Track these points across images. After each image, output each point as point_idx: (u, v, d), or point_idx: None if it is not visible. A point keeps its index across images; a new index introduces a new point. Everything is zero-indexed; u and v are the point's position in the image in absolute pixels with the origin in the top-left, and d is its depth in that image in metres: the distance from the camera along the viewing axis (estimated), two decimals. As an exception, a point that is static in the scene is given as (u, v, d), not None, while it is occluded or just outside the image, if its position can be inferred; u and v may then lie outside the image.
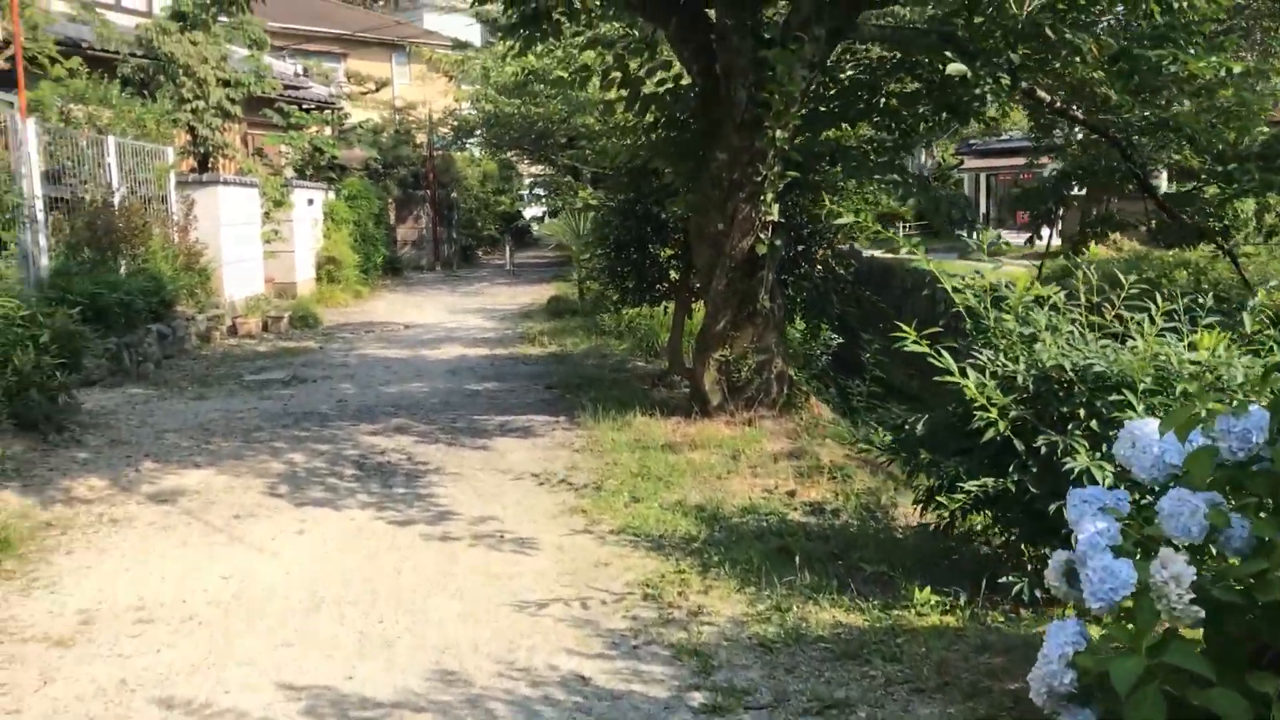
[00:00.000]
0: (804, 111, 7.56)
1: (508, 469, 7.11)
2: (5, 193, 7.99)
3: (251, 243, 16.05)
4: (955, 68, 7.00)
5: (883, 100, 8.57)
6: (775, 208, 7.60)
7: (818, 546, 5.46)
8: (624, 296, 10.41)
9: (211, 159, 15.97)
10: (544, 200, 22.88)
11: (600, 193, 11.97)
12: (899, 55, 8.60)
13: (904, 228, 22.04)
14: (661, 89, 8.20)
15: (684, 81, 8.31)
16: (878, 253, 17.94)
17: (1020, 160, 31.48)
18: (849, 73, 8.66)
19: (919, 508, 5.23)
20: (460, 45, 21.42)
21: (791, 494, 6.45)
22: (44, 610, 4.59)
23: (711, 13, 8.00)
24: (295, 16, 32.69)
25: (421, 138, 27.92)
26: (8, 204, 8.12)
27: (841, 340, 11.18)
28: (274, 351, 13.15)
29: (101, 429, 8.01)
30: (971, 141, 32.75)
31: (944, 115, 8.73)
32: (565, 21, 8.05)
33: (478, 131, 27.55)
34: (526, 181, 39.72)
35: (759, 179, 7.54)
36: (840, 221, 4.98)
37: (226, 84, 15.79)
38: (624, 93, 8.22)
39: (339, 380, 10.83)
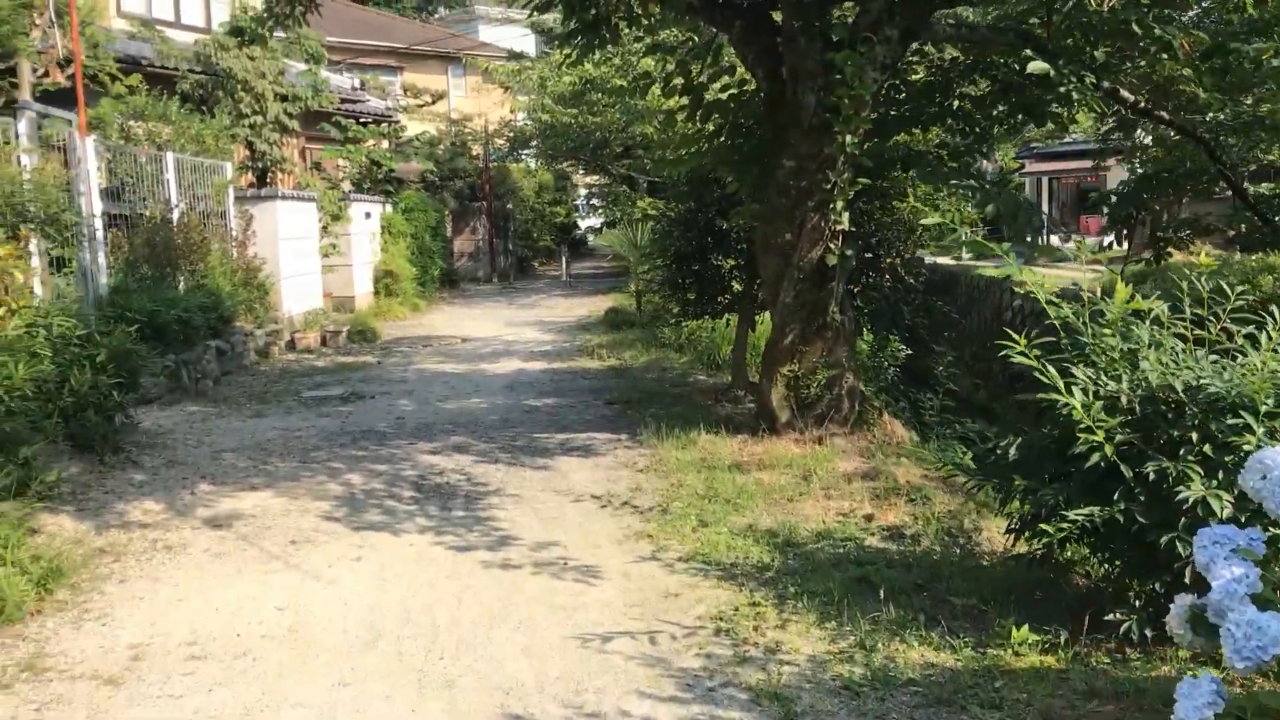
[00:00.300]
0: (874, 115, 7.24)
1: (569, 490, 6.87)
2: (62, 211, 7.93)
3: (309, 257, 16.05)
4: (1037, 66, 6.65)
5: (955, 102, 8.23)
6: (846, 216, 7.30)
7: (900, 576, 5.14)
8: (685, 309, 10.14)
9: (270, 174, 16.01)
10: (600, 211, 22.72)
11: (659, 202, 11.73)
12: (972, 56, 8.26)
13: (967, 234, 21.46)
14: (725, 95, 7.94)
15: (748, 87, 8.04)
16: (940, 260, 17.51)
17: (1083, 164, 30.79)
18: (919, 75, 8.32)
19: (1011, 537, 4.90)
20: (516, 56, 21.33)
21: (868, 518, 6.13)
22: (95, 645, 4.43)
23: (777, 15, 7.74)
24: (353, 31, 33.00)
25: (477, 149, 27.93)
26: (66, 222, 8.06)
27: (909, 352, 10.82)
28: (332, 367, 13.07)
29: (158, 449, 7.91)
30: (1033, 145, 32.06)
31: (1019, 117, 8.38)
32: (625, 28, 7.84)
33: (533, 142, 27.53)
34: (582, 192, 39.76)
35: (828, 186, 7.24)
36: (927, 222, 4.70)
37: (284, 98, 15.82)
38: (686, 100, 7.97)
39: (397, 396, 10.69)
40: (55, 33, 13.84)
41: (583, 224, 40.76)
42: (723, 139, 7.98)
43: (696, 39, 8.12)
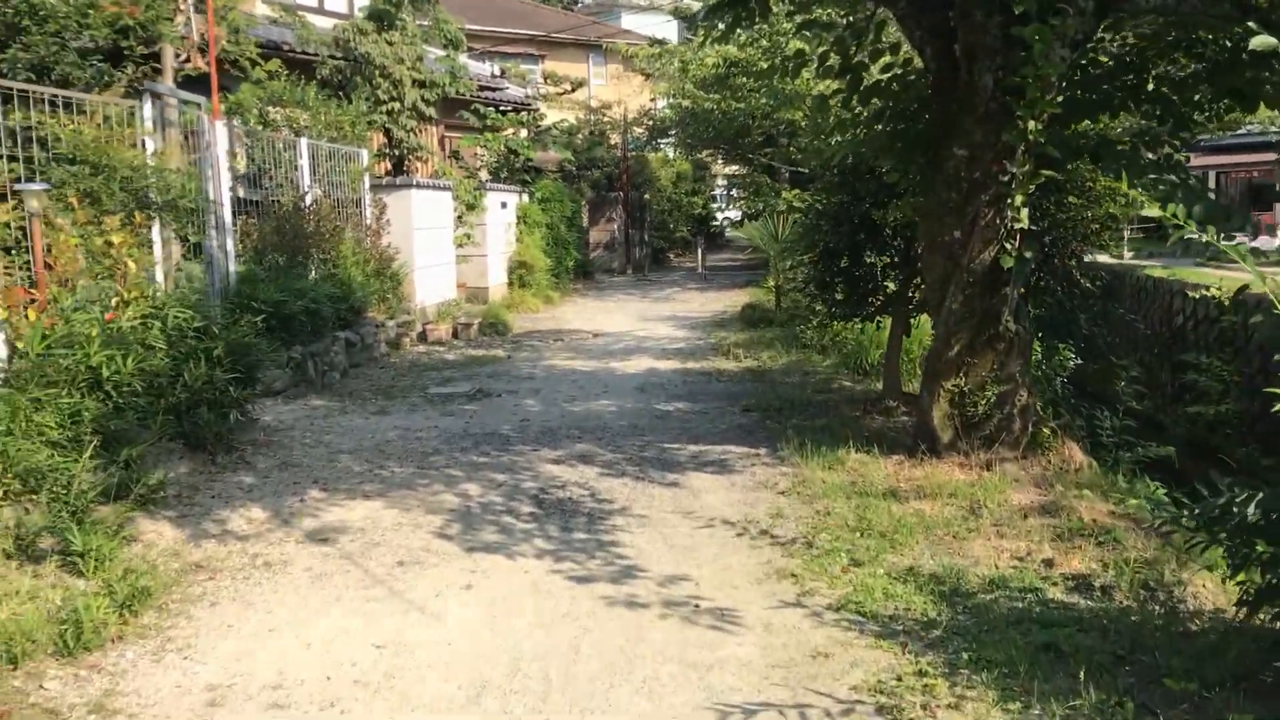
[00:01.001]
0: (1061, 99, 6.31)
1: (702, 513, 6.19)
2: (181, 197, 7.66)
3: (444, 247, 15.80)
4: (1262, 41, 5.63)
5: (1150, 84, 7.19)
6: (1025, 213, 6.40)
7: (1095, 643, 4.29)
8: (833, 310, 9.33)
9: (406, 161, 15.81)
10: (741, 202, 21.94)
11: (805, 194, 10.93)
12: (1174, 31, 7.20)
13: (1128, 231, 19.95)
14: (886, 76, 7.12)
15: (913, 67, 7.20)
16: (1100, 257, 16.15)
17: (1261, 157, 28.51)
18: (1112, 50, 7.30)
19: (1243, 610, 4.01)
20: (658, 42, 20.70)
21: (1049, 563, 5.27)
22: (171, 684, 3.97)
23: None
24: (494, 19, 32.99)
25: (616, 138, 27.49)
26: (185, 208, 7.78)
27: (1078, 361, 9.78)
28: (462, 360, 12.72)
29: (274, 448, 7.57)
30: (1201, 138, 29.81)
31: (1225, 101, 7.28)
32: (775, 3, 7.10)
33: (672, 131, 26.94)
34: (720, 182, 38.98)
35: (1005, 179, 6.36)
36: (1150, 213, 3.92)
37: (422, 85, 15.58)
38: (842, 82, 7.18)
39: (523, 396, 10.21)
40: (196, 18, 13.87)
41: (720, 215, 40.04)
42: (884, 125, 7.15)
43: (854, 16, 7.29)
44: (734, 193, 25.84)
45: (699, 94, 17.39)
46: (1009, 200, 6.37)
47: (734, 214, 46.02)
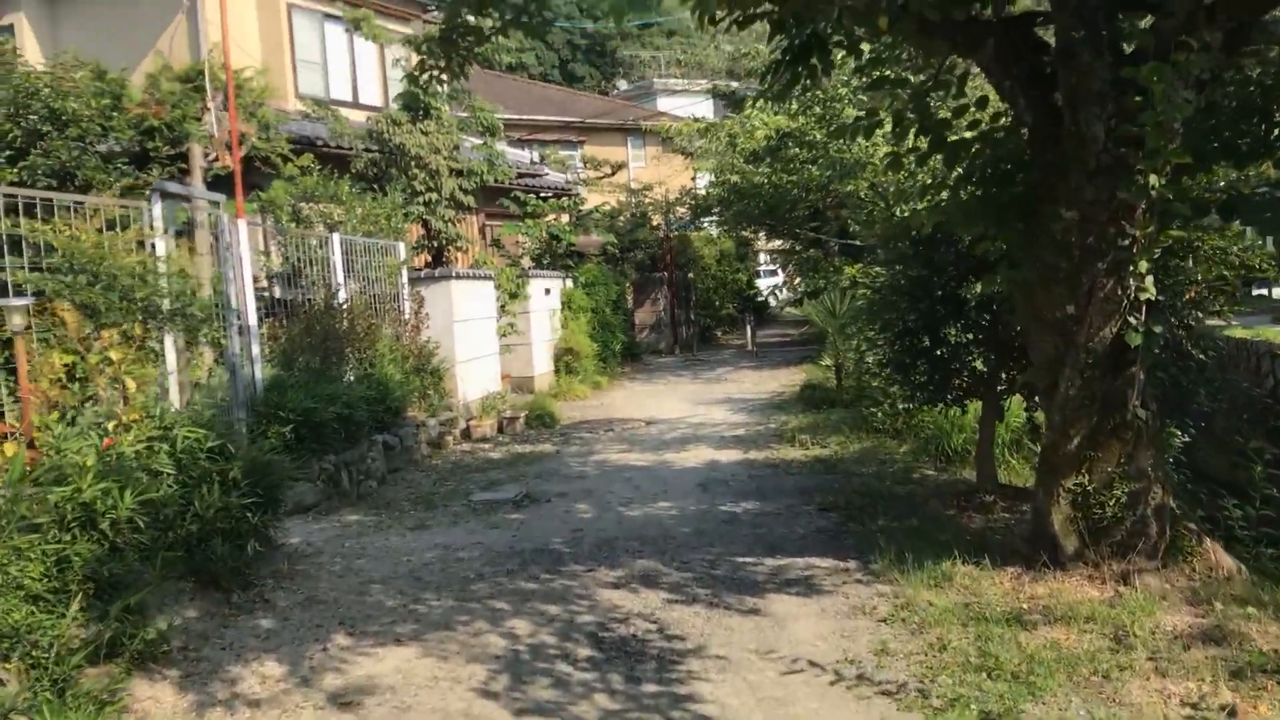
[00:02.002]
0: (1185, 147, 5.44)
1: (790, 651, 5.24)
2: (188, 305, 6.97)
3: (487, 338, 15.11)
4: None
5: None
6: (1150, 280, 5.51)
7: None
8: (914, 394, 8.39)
9: (445, 252, 15.24)
10: (801, 283, 21.12)
11: (873, 268, 10.09)
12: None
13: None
14: (972, 133, 6.29)
15: (1003, 121, 6.37)
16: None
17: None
18: (1230, 90, 6.43)
19: None
20: (699, 120, 20.14)
21: (1231, 713, 4.26)
22: None
23: (1040, 29, 6.08)
24: (531, 107, 32.93)
25: (657, 219, 26.95)
26: (195, 317, 7.09)
27: (1186, 439, 8.73)
28: (508, 459, 11.91)
29: (298, 580, 6.74)
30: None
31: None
32: (841, 56, 6.35)
33: (715, 210, 26.37)
34: (763, 258, 38.26)
35: (1125, 242, 5.48)
36: None
37: (459, 174, 15.06)
38: (921, 140, 6.38)
39: (575, 499, 9.34)
40: (224, 116, 13.48)
41: (762, 284, 39.22)
42: (972, 188, 6.31)
43: (931, 70, 6.50)
44: (783, 269, 24.99)
45: (748, 169, 16.69)
46: (1131, 267, 5.48)
47: (781, 287, 45.28)
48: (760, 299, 37.13)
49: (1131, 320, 5.57)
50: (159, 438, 6.32)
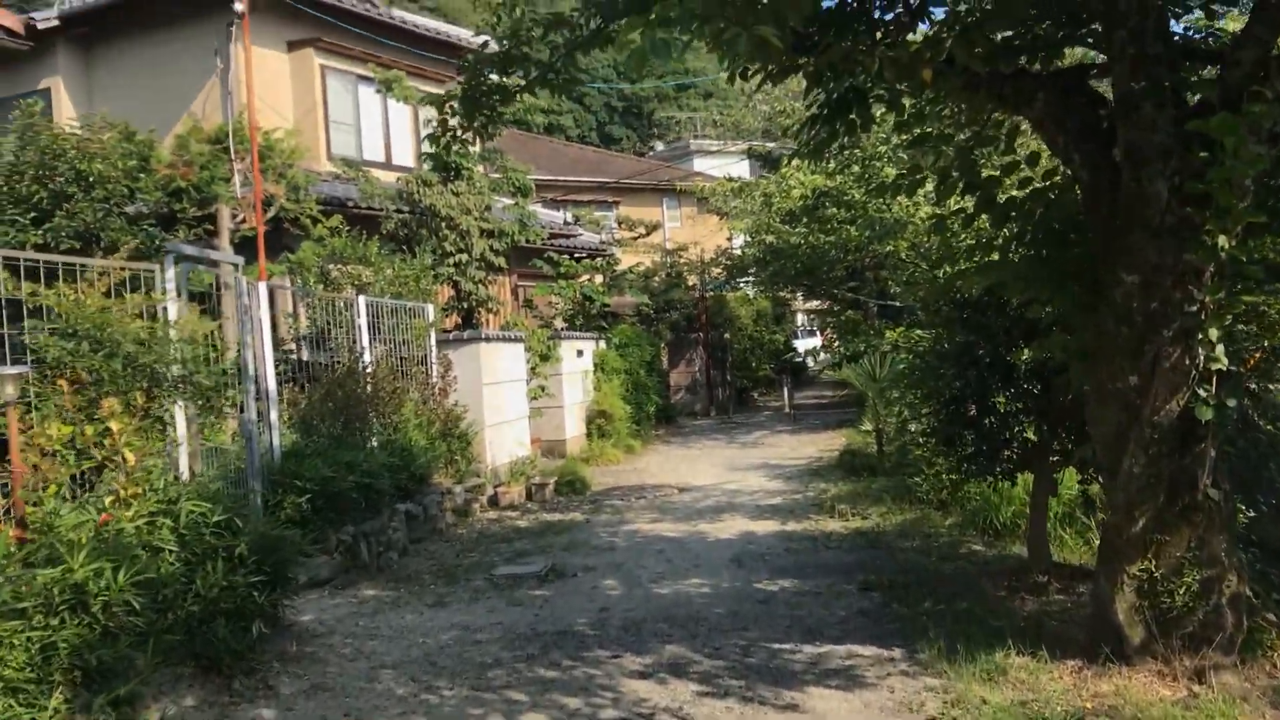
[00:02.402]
0: (1258, 205, 5.04)
1: (833, 754, 4.78)
2: (195, 373, 6.69)
3: (516, 401, 14.79)
4: None
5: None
6: (1221, 350, 5.08)
7: None
8: (961, 467, 7.91)
9: (476, 314, 14.99)
10: (841, 345, 20.69)
11: (915, 331, 9.69)
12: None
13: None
14: (1024, 192, 5.92)
15: (1058, 179, 6.00)
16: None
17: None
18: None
19: None
20: (734, 180, 19.89)
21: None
22: None
23: (1094, 81, 5.73)
24: (566, 168, 33.03)
25: (693, 279, 26.70)
26: (203, 385, 6.80)
27: (1252, 514, 8.16)
28: (535, 528, 11.51)
29: (306, 663, 6.35)
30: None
31: None
32: (882, 111, 6.02)
33: (751, 270, 26.12)
34: (800, 318, 37.86)
35: (1193, 309, 5.06)
36: None
37: (490, 234, 14.86)
38: (966, 199, 6.02)
39: (603, 573, 8.91)
40: (254, 176, 13.41)
41: (801, 346, 38.77)
42: (1023, 249, 5.91)
43: (978, 125, 6.15)
44: (820, 330, 24.53)
45: (783, 228, 16.36)
46: (1200, 335, 5.05)
47: (814, 343, 44.72)
48: (798, 360, 36.69)
49: (1201, 393, 5.13)
50: (162, 512, 6.01)
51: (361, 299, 11.43)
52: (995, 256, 6.09)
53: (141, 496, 5.79)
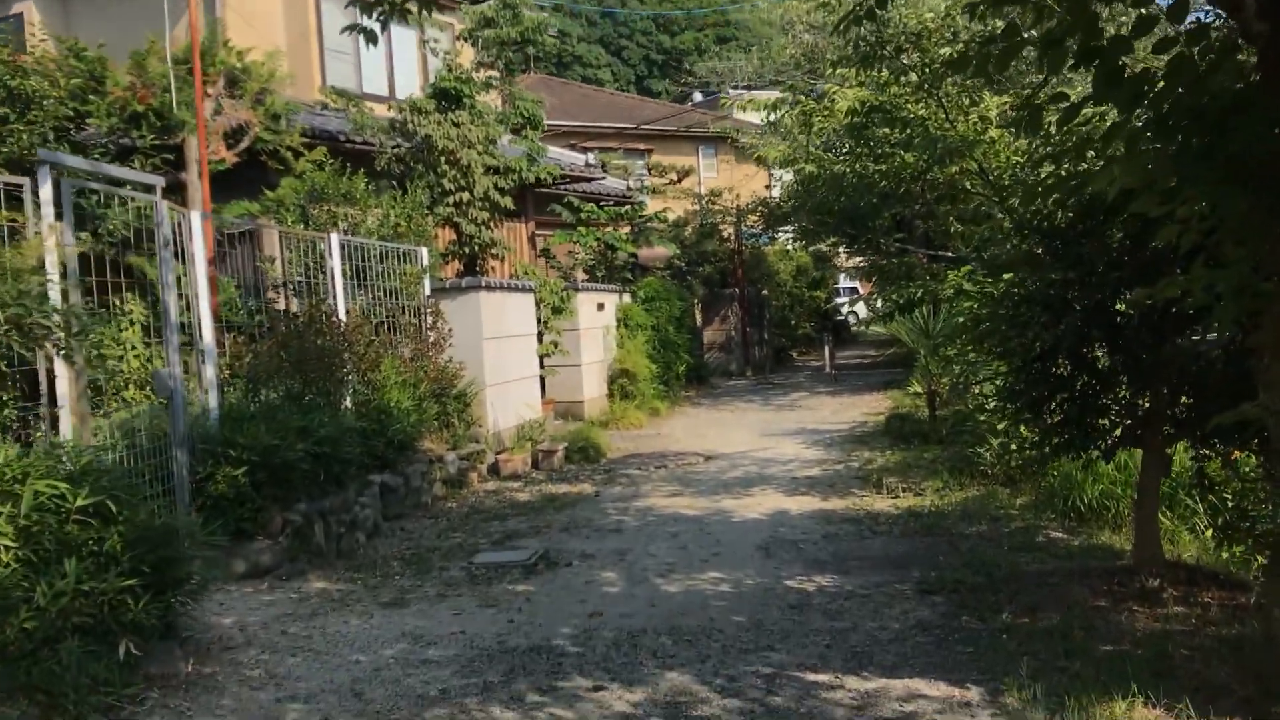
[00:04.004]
0: None
1: None
2: (27, 314, 5.16)
3: (524, 358, 13.26)
4: None
5: None
6: None
7: None
8: (1048, 438, 6.23)
9: (480, 260, 13.46)
10: (887, 296, 18.87)
11: (981, 275, 8.02)
12: None
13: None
14: (1162, 59, 4.21)
15: (1215, 38, 4.28)
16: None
17: None
18: None
19: None
20: (772, 107, 17.87)
21: None
22: None
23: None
24: (598, 114, 31.27)
25: (728, 230, 24.96)
26: (37, 327, 5.28)
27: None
28: (536, 502, 10.03)
29: (194, 693, 4.88)
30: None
31: None
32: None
33: (790, 216, 24.36)
34: (842, 278, 35.94)
35: None
36: None
37: (496, 171, 13.28)
38: (1076, 84, 4.32)
39: (602, 562, 7.41)
40: (229, 104, 11.93)
41: (842, 304, 37.02)
42: (1162, 139, 4.22)
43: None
44: (864, 281, 22.66)
45: (825, 155, 14.47)
46: None
47: (858, 300, 42.76)
48: (840, 317, 34.87)
49: None
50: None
51: (334, 237, 9.92)
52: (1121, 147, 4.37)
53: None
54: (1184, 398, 5.88)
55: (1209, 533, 6.81)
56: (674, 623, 5.86)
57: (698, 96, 49.55)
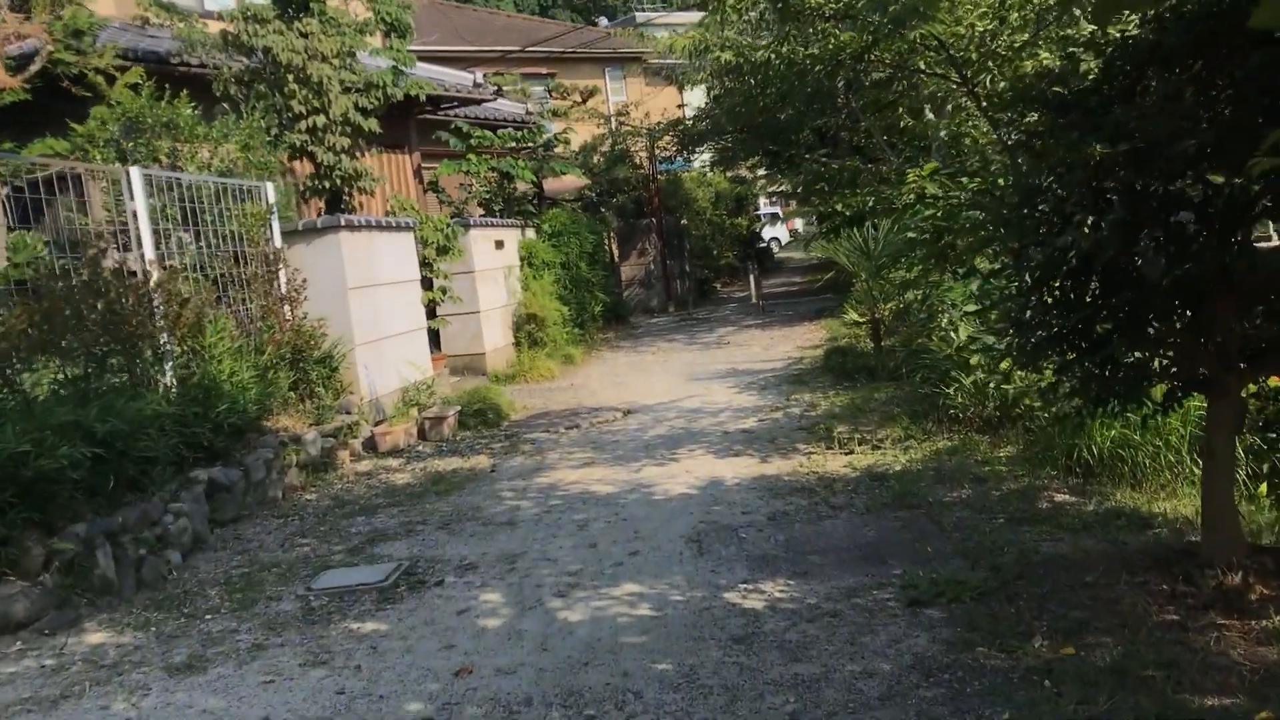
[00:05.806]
0: None
1: None
2: None
3: (403, 309, 11.28)
4: None
5: None
6: None
7: None
8: (1086, 383, 4.51)
9: (345, 195, 11.39)
10: (825, 211, 17.09)
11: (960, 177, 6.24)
12: None
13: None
14: None
15: None
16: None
17: None
18: None
19: None
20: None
21: None
22: None
23: None
24: (494, 38, 28.97)
25: (641, 155, 22.98)
26: None
27: None
28: (418, 485, 8.20)
29: None
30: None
31: None
32: None
33: (706, 141, 22.51)
34: (763, 202, 34.28)
35: None
36: None
37: (357, 90, 11.16)
38: None
39: (486, 576, 5.63)
40: (12, 18, 9.67)
41: (765, 233, 35.54)
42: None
43: None
44: (788, 201, 21.04)
45: (747, 43, 12.50)
46: None
47: (779, 232, 41.20)
48: (762, 245, 33.32)
49: None
50: None
51: (135, 171, 7.82)
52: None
53: None
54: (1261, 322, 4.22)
55: (1262, 491, 5.21)
56: (571, 683, 4.10)
57: (604, 22, 47.14)
